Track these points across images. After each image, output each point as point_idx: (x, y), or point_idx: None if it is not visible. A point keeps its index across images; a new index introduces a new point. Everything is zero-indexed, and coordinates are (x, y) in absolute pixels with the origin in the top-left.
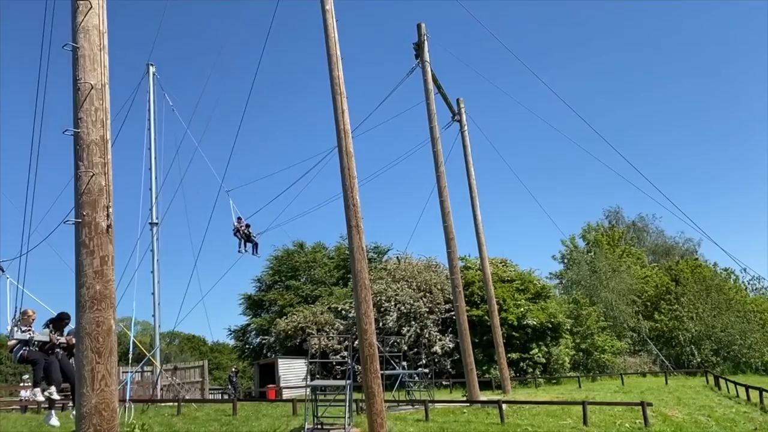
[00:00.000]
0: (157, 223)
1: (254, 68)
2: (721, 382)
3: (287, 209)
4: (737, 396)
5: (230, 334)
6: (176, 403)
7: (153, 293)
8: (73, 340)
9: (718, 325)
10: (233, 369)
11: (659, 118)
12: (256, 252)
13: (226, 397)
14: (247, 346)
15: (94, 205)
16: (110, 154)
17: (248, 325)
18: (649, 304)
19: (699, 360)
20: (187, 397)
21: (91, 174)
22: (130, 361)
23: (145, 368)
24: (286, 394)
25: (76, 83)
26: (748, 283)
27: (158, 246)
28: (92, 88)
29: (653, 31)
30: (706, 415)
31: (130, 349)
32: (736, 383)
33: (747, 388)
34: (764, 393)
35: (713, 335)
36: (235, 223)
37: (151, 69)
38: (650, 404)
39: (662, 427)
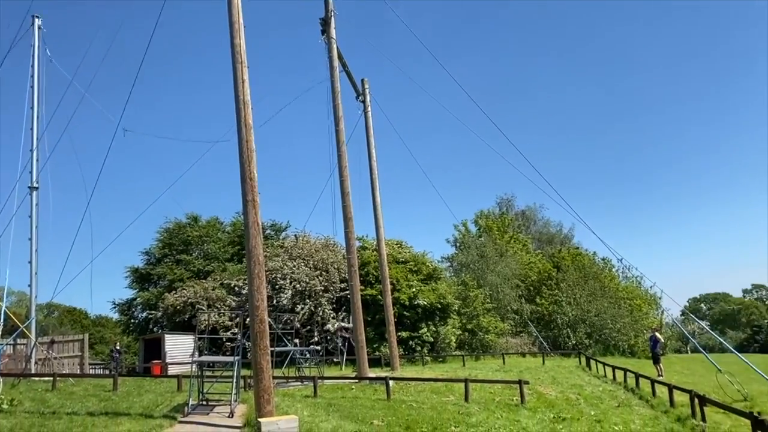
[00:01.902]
0: (36, 188)
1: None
2: (592, 363)
3: (183, 180)
4: (605, 376)
5: (115, 307)
6: (51, 378)
7: (30, 262)
8: None
9: (593, 310)
10: (116, 343)
11: (558, 119)
12: None
13: (108, 372)
14: (132, 321)
15: None
16: None
17: (134, 299)
18: (531, 288)
19: (574, 342)
20: (64, 372)
21: None
22: (0, 333)
23: (19, 341)
24: (173, 370)
25: None
26: (621, 272)
27: (37, 212)
28: None
29: (560, 37)
30: (576, 393)
31: (0, 320)
32: (604, 364)
33: (614, 368)
34: (628, 373)
35: (588, 319)
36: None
37: (37, 22)
38: (527, 382)
39: (536, 403)
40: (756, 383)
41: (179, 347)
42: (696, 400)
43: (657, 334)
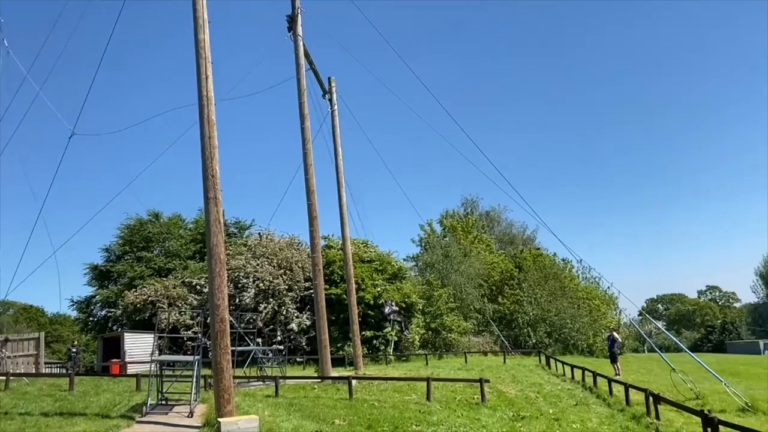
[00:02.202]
0: None
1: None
2: (552, 361)
3: (146, 177)
4: (564, 374)
5: (73, 305)
6: (4, 378)
7: None
8: None
9: (553, 310)
10: (73, 342)
11: (530, 121)
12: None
13: (64, 371)
14: (91, 319)
15: None
16: None
17: (93, 296)
18: (494, 288)
19: (534, 341)
20: (18, 371)
21: None
22: None
23: None
24: (132, 369)
25: None
26: (580, 272)
27: None
28: None
29: (533, 38)
30: (536, 391)
31: None
32: (564, 363)
33: (572, 367)
34: (586, 372)
35: (548, 319)
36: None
37: None
38: (488, 381)
39: (497, 402)
40: (708, 382)
41: (139, 346)
42: (650, 399)
43: (615, 333)
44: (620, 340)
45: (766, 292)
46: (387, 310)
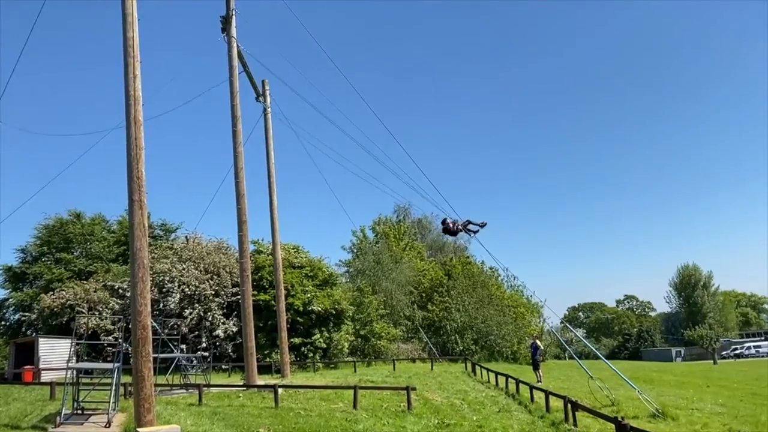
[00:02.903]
0: None
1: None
2: (477, 368)
3: (68, 177)
4: (488, 381)
5: None
6: None
7: None
8: None
9: (480, 317)
10: None
11: (462, 136)
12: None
13: None
14: (2, 323)
15: None
16: None
17: (6, 299)
18: (424, 295)
19: (461, 348)
20: None
21: None
22: None
23: None
24: (47, 376)
25: None
26: (506, 281)
27: None
28: None
29: (475, 43)
30: (461, 398)
31: None
32: (489, 370)
33: (496, 374)
34: (509, 379)
35: (475, 326)
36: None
37: None
38: (414, 389)
39: (423, 409)
40: (623, 389)
41: (55, 352)
42: (569, 406)
43: (537, 341)
44: (542, 347)
45: (678, 302)
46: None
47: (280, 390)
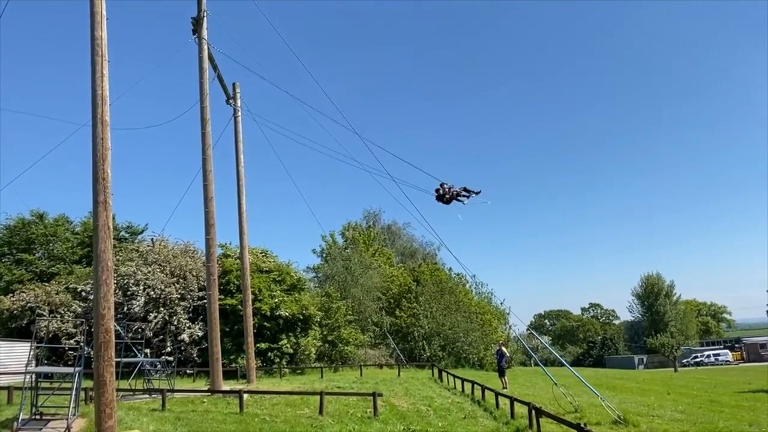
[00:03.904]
0: None
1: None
2: (444, 374)
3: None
4: (455, 387)
5: None
6: None
7: None
8: None
9: (447, 324)
10: None
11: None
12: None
13: None
14: None
15: None
16: None
17: None
18: (392, 301)
19: (429, 354)
20: None
21: None
22: None
23: None
24: (4, 380)
25: None
26: (474, 288)
27: None
28: None
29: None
30: (427, 404)
31: None
32: (455, 376)
33: (462, 381)
34: (475, 385)
35: (442, 332)
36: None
37: None
38: (381, 395)
39: (389, 415)
40: (587, 395)
41: (13, 356)
42: (533, 412)
43: (503, 348)
44: (508, 354)
45: (641, 311)
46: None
47: (245, 395)
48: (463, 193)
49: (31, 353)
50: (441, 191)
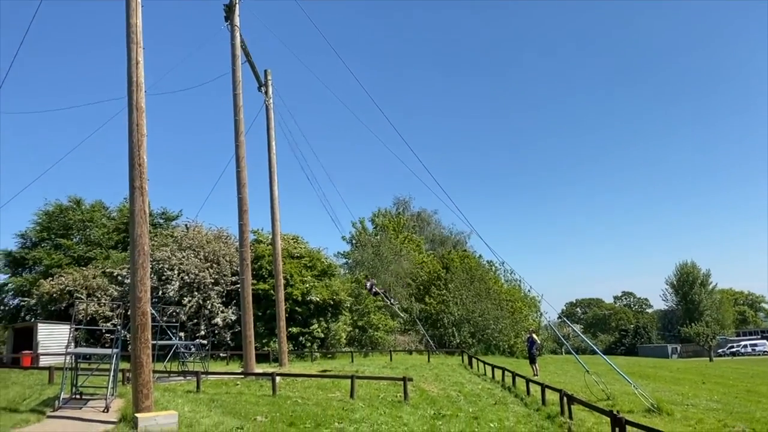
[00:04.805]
0: None
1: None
2: (474, 361)
3: (68, 160)
4: (485, 374)
5: None
6: None
7: None
8: None
9: (477, 311)
10: None
11: (465, 128)
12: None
13: None
14: (1, 308)
15: None
16: None
17: (5, 284)
18: (422, 287)
19: (458, 341)
20: None
21: None
22: None
23: None
24: (45, 361)
25: None
26: (504, 275)
27: None
28: None
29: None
30: (457, 390)
31: None
32: (485, 363)
33: (493, 367)
34: (506, 372)
35: (472, 319)
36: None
37: None
38: (411, 379)
39: (419, 400)
40: (619, 384)
41: (54, 337)
42: (565, 399)
43: (534, 335)
44: (539, 342)
45: (675, 300)
46: (368, 284)
47: (277, 378)
48: (385, 295)
49: (71, 335)
50: (370, 287)
